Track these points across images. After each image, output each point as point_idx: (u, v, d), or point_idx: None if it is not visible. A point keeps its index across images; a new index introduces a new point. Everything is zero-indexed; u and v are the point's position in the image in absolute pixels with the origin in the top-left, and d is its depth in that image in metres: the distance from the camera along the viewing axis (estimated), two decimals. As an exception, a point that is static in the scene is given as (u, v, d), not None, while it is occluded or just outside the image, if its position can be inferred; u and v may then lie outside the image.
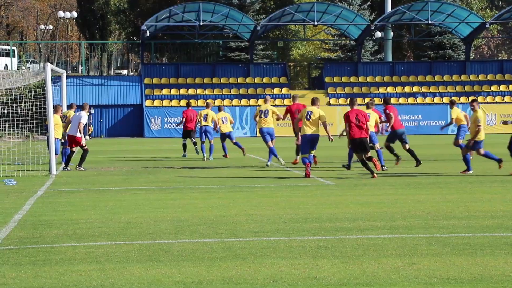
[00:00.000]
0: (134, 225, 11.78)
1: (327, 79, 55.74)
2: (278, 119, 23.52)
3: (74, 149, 23.09)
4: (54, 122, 22.42)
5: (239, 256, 9.23)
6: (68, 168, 22.90)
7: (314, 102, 20.37)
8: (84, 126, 23.08)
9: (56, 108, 23.04)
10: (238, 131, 49.51)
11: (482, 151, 20.16)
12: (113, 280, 7.97)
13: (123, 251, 9.60)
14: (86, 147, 23.06)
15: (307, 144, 19.70)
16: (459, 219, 12.16)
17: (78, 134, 22.75)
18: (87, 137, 23.67)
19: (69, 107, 26.40)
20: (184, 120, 28.68)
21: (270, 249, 9.66)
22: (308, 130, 19.68)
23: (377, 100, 53.54)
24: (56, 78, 41.96)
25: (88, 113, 48.02)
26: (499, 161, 20.20)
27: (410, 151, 22.84)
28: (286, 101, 53.28)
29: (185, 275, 8.20)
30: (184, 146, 28.88)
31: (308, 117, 19.76)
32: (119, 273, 8.34)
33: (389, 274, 8.19)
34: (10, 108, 24.96)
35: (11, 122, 25.14)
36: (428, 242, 10.07)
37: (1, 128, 25.04)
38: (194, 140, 28.43)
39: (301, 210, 13.35)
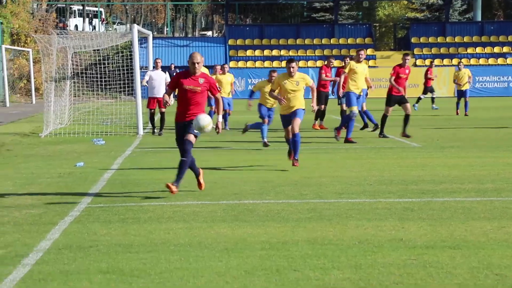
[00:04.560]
0: (220, 185, 11.89)
1: (413, 40, 54.75)
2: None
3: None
4: (224, 81, 22.66)
5: (324, 217, 9.22)
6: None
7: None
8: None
9: (223, 68, 23.21)
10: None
11: None
12: (200, 239, 8.08)
13: (209, 211, 9.72)
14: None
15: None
16: (550, 182, 11.84)
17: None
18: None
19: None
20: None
21: (355, 211, 9.62)
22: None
23: (465, 61, 52.35)
24: (143, 40, 42.48)
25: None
26: None
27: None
28: (371, 63, 52.65)
29: (270, 235, 8.25)
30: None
31: None
32: (206, 232, 8.45)
33: (478, 237, 8.05)
34: (98, 69, 25.43)
35: (99, 83, 25.62)
36: (518, 206, 9.84)
37: (90, 89, 25.57)
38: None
39: (387, 172, 13.23)
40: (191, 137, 10.70)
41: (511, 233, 8.20)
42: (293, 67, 13.78)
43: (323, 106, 23.14)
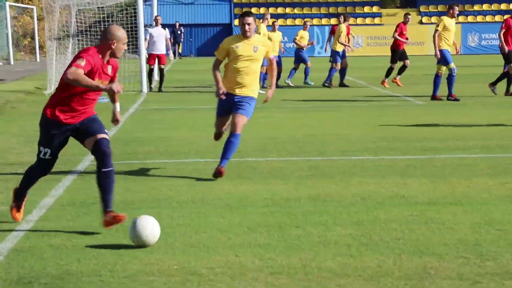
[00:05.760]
0: (223, 143, 11.86)
1: (419, -3, 54.25)
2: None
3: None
4: (274, 39, 22.05)
5: (326, 175, 9.24)
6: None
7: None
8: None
9: (274, 25, 22.93)
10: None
11: None
12: (202, 196, 8.12)
13: (212, 168, 9.70)
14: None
15: None
16: (554, 140, 11.82)
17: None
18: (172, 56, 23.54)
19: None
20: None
21: (358, 168, 9.63)
22: None
23: (471, 18, 51.84)
24: (147, -3, 42.18)
25: (179, 32, 48.11)
26: None
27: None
28: (377, 20, 52.28)
29: (273, 192, 8.27)
30: None
31: None
32: (209, 189, 8.48)
33: (480, 193, 8.07)
34: (102, 26, 25.29)
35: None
36: (522, 163, 9.85)
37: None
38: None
39: (390, 130, 13.22)
40: (106, 136, 6.89)
41: (514, 189, 8.21)
42: (249, 24, 9.10)
43: (407, 61, 22.87)
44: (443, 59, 18.12)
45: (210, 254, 5.98)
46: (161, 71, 22.56)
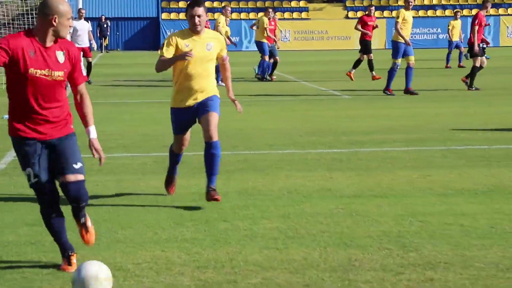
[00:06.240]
0: (151, 137, 11.83)
1: (346, -8, 54.86)
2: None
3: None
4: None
5: (254, 169, 9.28)
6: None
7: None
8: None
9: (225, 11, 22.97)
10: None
11: None
12: (129, 191, 8.06)
13: (139, 163, 9.68)
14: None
15: None
16: (475, 131, 12.12)
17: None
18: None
19: None
20: None
21: (286, 162, 9.71)
22: None
23: (395, 13, 52.53)
24: (72, -10, 41.54)
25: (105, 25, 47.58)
26: None
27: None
28: (304, 15, 52.64)
29: (200, 186, 8.24)
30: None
31: None
32: (135, 184, 8.43)
33: (404, 186, 8.23)
34: (25, 19, 24.85)
35: (27, 34, 25.06)
36: (443, 155, 10.08)
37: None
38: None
39: (317, 124, 13.36)
40: (81, 175, 6.00)
41: (435, 181, 8.40)
42: (199, 16, 7.44)
43: (371, 55, 23.05)
44: (395, 51, 18.24)
45: (136, 249, 5.96)
46: (89, 64, 22.54)
